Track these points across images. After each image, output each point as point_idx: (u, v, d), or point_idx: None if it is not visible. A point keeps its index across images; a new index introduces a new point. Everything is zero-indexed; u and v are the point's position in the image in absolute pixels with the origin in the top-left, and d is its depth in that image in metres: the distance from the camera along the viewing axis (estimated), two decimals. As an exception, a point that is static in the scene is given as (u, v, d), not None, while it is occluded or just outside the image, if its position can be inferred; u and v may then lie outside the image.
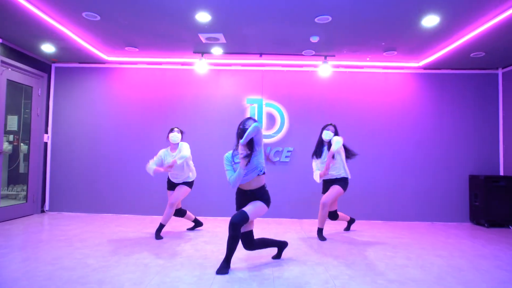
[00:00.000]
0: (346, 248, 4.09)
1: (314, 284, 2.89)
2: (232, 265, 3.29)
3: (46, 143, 6.21)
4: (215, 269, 3.20)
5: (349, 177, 4.71)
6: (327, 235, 4.78)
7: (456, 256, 3.81)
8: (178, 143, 4.60)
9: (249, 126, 3.18)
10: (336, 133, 4.66)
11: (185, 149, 4.46)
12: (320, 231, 4.63)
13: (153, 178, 6.00)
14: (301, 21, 4.38)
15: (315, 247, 4.12)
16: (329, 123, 4.74)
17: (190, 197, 5.58)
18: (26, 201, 5.86)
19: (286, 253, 3.79)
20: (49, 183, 6.21)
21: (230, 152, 3.38)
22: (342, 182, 4.64)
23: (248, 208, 3.21)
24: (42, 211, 6.14)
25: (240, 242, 3.24)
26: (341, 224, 5.52)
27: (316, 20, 4.29)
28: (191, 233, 4.80)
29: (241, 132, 3.24)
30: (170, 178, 4.69)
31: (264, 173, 3.32)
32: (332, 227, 5.35)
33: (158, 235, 4.45)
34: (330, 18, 4.24)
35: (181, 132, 4.67)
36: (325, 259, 3.62)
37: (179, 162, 4.35)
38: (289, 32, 4.74)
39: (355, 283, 2.94)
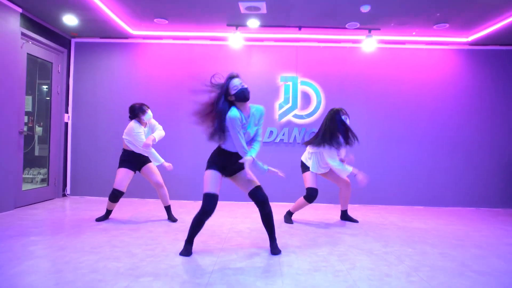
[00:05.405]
0: (407, 236, 3.76)
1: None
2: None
3: (66, 123, 5.85)
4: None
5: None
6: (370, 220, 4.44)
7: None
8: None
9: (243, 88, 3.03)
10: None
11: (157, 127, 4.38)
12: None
13: (181, 162, 5.66)
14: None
15: (376, 235, 3.79)
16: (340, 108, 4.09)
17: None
18: (48, 185, 5.54)
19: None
20: (70, 166, 5.87)
21: (236, 111, 2.99)
22: None
23: (252, 179, 3.17)
24: (64, 195, 5.82)
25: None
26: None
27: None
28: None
29: (241, 94, 3.02)
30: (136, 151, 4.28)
31: None
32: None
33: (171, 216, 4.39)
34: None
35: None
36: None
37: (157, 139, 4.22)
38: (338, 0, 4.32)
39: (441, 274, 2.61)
